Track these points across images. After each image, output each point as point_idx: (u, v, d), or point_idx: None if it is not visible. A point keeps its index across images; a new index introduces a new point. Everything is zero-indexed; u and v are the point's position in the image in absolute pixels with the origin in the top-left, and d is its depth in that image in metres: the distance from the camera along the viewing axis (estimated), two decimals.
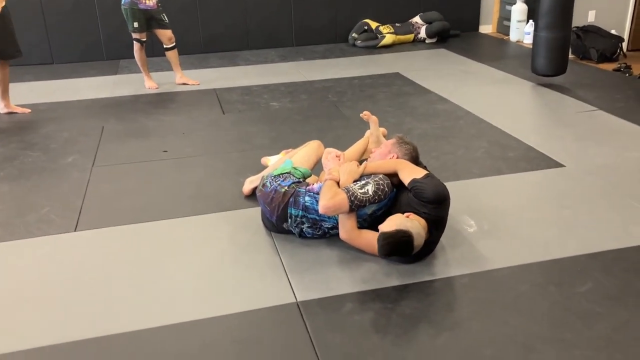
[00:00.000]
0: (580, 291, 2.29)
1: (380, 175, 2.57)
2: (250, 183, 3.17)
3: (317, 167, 3.00)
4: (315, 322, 2.15)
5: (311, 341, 2.05)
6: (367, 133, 3.15)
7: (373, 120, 3.12)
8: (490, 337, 2.05)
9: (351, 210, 2.46)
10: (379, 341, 2.04)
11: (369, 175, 2.61)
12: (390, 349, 2.00)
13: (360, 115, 3.18)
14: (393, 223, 2.35)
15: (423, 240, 2.38)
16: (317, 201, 2.56)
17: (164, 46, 5.46)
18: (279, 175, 2.78)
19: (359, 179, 2.60)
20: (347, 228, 2.51)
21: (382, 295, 2.30)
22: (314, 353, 1.99)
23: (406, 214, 2.42)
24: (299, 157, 2.94)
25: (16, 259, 2.65)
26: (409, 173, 2.55)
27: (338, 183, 2.56)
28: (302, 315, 2.19)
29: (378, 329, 2.11)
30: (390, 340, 2.04)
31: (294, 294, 2.31)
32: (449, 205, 2.54)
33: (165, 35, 5.39)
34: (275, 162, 3.20)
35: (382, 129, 3.21)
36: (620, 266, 2.45)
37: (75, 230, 2.88)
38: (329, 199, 2.44)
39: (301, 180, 2.79)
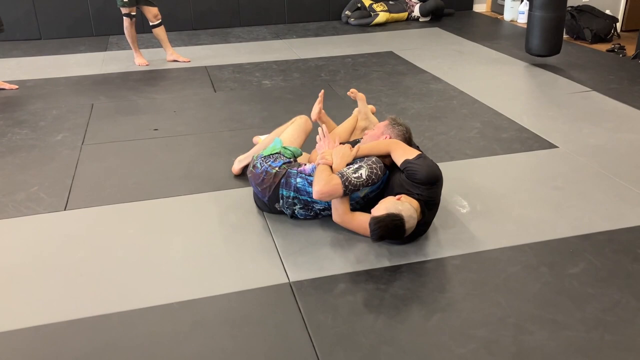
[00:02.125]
0: (571, 272, 2.30)
1: (373, 159, 2.55)
2: (239, 162, 3.14)
3: (307, 144, 2.97)
4: (308, 302, 2.15)
5: (304, 321, 2.05)
6: (355, 111, 3.13)
7: (360, 97, 3.09)
8: (482, 318, 2.06)
9: (345, 194, 2.44)
10: (371, 321, 2.04)
11: (361, 158, 2.59)
12: (383, 330, 2.01)
13: (347, 93, 3.15)
14: (384, 207, 2.33)
15: (415, 222, 2.37)
16: (308, 183, 2.54)
17: (150, 23, 5.38)
18: (269, 155, 2.75)
19: (352, 162, 2.57)
20: (340, 212, 2.50)
21: (374, 276, 2.30)
22: (306, 333, 1.99)
23: (398, 196, 2.41)
24: (288, 135, 2.90)
25: (5, 238, 2.62)
26: (402, 154, 2.54)
27: (331, 167, 2.54)
28: (294, 295, 2.19)
29: (370, 309, 2.11)
30: (382, 321, 2.05)
31: (287, 275, 2.31)
32: (441, 186, 2.53)
33: (151, 12, 5.30)
34: (264, 140, 3.16)
35: (370, 106, 3.18)
36: (612, 248, 2.46)
37: (65, 209, 2.85)
38: (324, 185, 2.42)
39: (292, 160, 2.76)
